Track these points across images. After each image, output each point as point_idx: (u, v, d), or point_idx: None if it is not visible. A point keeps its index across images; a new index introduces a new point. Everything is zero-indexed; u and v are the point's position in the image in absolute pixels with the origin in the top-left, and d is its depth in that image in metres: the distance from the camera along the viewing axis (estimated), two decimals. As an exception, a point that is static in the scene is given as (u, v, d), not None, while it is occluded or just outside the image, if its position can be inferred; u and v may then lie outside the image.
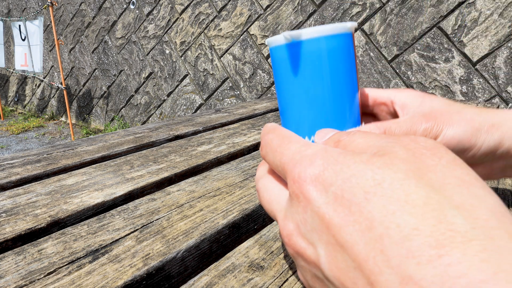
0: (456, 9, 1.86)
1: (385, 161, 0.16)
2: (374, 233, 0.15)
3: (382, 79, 2.13)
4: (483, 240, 0.13)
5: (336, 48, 0.32)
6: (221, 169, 0.49)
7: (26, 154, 0.57)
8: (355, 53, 0.34)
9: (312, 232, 0.17)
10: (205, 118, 0.83)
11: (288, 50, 0.32)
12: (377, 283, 0.14)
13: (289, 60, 0.32)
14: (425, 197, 0.15)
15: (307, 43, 0.31)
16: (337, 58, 0.32)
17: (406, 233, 0.14)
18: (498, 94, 1.79)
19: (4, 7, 4.83)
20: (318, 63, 0.31)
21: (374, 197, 0.15)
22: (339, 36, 0.32)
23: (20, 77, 4.82)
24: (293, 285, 0.26)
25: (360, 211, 0.15)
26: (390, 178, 0.16)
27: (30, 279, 0.27)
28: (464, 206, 0.14)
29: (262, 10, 2.56)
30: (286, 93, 0.33)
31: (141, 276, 0.28)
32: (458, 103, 0.34)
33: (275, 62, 0.33)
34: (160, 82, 3.24)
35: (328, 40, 0.31)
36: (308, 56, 0.31)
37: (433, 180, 0.15)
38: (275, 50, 0.33)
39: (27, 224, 0.35)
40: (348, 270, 0.15)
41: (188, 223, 0.35)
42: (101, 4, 3.56)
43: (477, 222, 0.14)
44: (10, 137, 3.76)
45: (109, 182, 0.46)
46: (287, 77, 0.32)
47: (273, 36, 0.34)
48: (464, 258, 0.13)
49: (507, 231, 0.13)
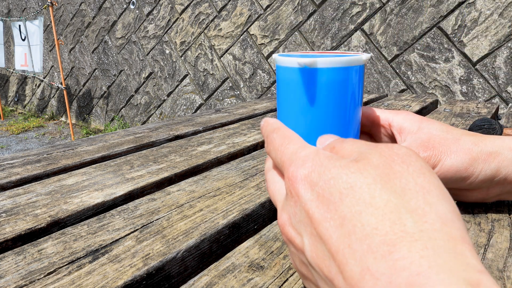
0: (456, 9, 1.86)
1: (359, 167, 0.19)
2: (344, 230, 0.17)
3: (382, 79, 2.13)
4: (426, 241, 0.15)
5: (348, 78, 0.32)
6: (221, 169, 0.49)
7: (26, 154, 0.57)
8: (363, 79, 0.35)
9: (300, 223, 0.20)
10: (205, 118, 0.83)
11: (300, 74, 0.32)
12: (345, 272, 0.16)
13: (301, 84, 0.32)
14: (386, 201, 0.17)
15: (321, 71, 0.31)
16: (347, 88, 0.32)
17: (368, 232, 0.16)
18: (498, 94, 1.79)
19: (4, 7, 4.83)
20: (329, 91, 0.32)
21: (346, 198, 0.18)
22: (352, 68, 0.32)
23: (20, 77, 4.82)
24: (293, 285, 0.26)
25: (335, 209, 0.18)
26: (360, 182, 0.18)
27: (30, 279, 0.27)
28: (417, 211, 0.17)
29: (262, 10, 2.56)
30: (292, 111, 0.34)
31: (141, 276, 0.28)
32: (456, 130, 0.34)
33: (283, 81, 0.34)
34: (160, 82, 3.24)
35: (341, 71, 0.32)
36: (320, 83, 0.32)
37: (396, 185, 0.18)
38: (285, 70, 0.33)
39: (27, 224, 0.35)
40: (324, 259, 0.18)
41: (188, 223, 0.35)
42: (101, 4, 3.56)
43: (424, 226, 0.16)
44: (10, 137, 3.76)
45: (109, 182, 0.46)
46: (295, 98, 0.33)
47: (282, 54, 0.34)
48: (408, 254, 0.15)
49: (447, 233, 0.16)
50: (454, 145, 0.32)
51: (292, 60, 0.32)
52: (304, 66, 0.31)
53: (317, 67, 0.31)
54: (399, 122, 0.36)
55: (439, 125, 0.35)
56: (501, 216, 0.36)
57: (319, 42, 2.34)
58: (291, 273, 0.27)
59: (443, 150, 0.32)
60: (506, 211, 0.37)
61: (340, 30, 2.25)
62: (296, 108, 0.33)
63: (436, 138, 0.33)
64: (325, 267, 0.18)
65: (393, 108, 0.90)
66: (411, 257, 0.15)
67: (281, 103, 0.34)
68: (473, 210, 0.37)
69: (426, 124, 0.35)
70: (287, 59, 0.32)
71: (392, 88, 2.10)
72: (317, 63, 0.31)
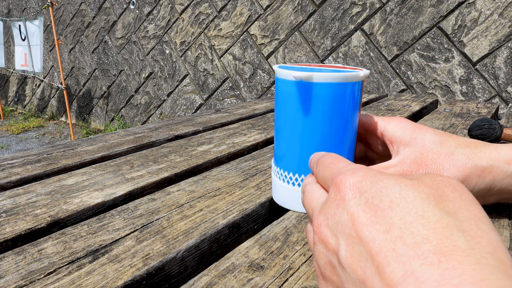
0: (456, 9, 1.86)
1: (413, 183, 0.20)
2: (390, 235, 0.18)
3: (382, 79, 2.13)
4: (478, 258, 0.16)
5: (344, 94, 0.32)
6: (221, 169, 0.49)
7: (26, 154, 0.57)
8: (362, 94, 0.34)
9: (337, 225, 0.21)
10: (205, 118, 0.83)
11: (296, 87, 0.32)
12: (384, 273, 0.17)
13: (297, 97, 0.32)
14: (439, 217, 0.18)
15: (317, 86, 0.31)
16: (343, 103, 0.32)
17: (417, 240, 0.17)
18: (498, 94, 1.79)
19: (4, 7, 4.83)
20: (324, 106, 0.32)
21: (397, 207, 0.18)
22: (349, 84, 0.32)
23: (20, 77, 4.82)
24: (293, 285, 0.26)
25: (383, 216, 0.18)
26: (414, 196, 0.19)
27: (30, 279, 0.27)
28: (469, 232, 0.17)
29: (262, 10, 2.56)
30: (288, 123, 0.34)
31: (141, 276, 0.28)
32: (450, 141, 0.33)
33: (281, 93, 0.34)
34: (160, 82, 3.24)
35: (337, 87, 0.31)
36: (315, 98, 0.32)
37: (449, 207, 0.18)
38: (283, 82, 0.33)
39: (27, 224, 0.35)
40: (360, 260, 0.18)
41: (188, 223, 0.35)
42: (101, 4, 3.56)
43: (476, 246, 0.16)
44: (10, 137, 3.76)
45: (109, 182, 0.46)
46: (291, 111, 0.33)
47: (282, 66, 0.34)
48: (459, 266, 0.15)
49: (499, 258, 0.16)
50: (448, 161, 0.32)
51: (289, 73, 0.32)
52: (300, 80, 0.31)
53: (313, 81, 0.31)
54: (391, 132, 0.35)
55: (432, 136, 0.34)
56: (501, 216, 0.36)
57: (319, 42, 2.34)
58: (291, 273, 0.27)
59: (436, 169, 0.31)
60: (506, 211, 0.37)
61: (340, 30, 2.25)
62: (292, 121, 0.33)
63: (429, 153, 0.32)
64: (359, 268, 0.18)
65: (393, 108, 0.90)
66: (462, 268, 0.15)
67: (278, 114, 0.34)
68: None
69: (419, 133, 0.34)
70: (284, 72, 0.32)
71: (392, 88, 2.10)
72: (313, 78, 0.31)
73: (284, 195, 0.35)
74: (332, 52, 2.30)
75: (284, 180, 0.35)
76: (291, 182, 0.35)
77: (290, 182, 0.35)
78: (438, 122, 0.74)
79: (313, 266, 0.28)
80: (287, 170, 0.35)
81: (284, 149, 0.34)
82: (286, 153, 0.34)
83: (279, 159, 0.35)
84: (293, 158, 0.34)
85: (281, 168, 0.35)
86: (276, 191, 0.37)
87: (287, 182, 0.35)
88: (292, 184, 0.34)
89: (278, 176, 0.36)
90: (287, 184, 0.35)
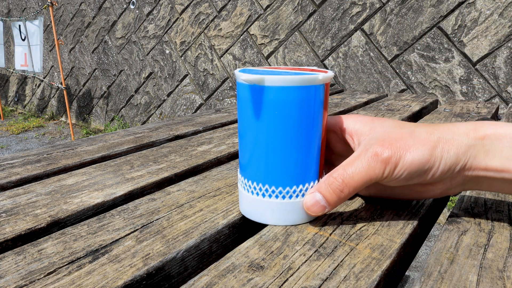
0: (456, 9, 1.86)
1: None
2: None
3: (382, 79, 2.13)
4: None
5: (299, 99, 0.30)
6: (221, 169, 0.49)
7: (26, 154, 0.57)
8: (325, 101, 0.32)
9: None
10: (205, 118, 0.83)
11: (250, 91, 0.30)
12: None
13: (250, 101, 0.31)
14: None
15: (268, 90, 0.30)
16: (299, 108, 0.30)
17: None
18: (498, 94, 1.79)
19: (4, 7, 4.83)
20: (276, 111, 0.30)
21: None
22: (304, 88, 0.30)
23: (20, 77, 4.82)
24: (293, 285, 0.26)
25: None
26: None
27: (30, 279, 0.27)
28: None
29: (262, 10, 2.56)
30: (244, 127, 0.32)
31: (141, 276, 0.28)
32: (408, 124, 0.34)
33: (239, 96, 0.32)
34: (160, 82, 3.24)
35: (291, 91, 0.29)
36: (267, 102, 0.30)
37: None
38: (239, 85, 0.32)
39: (27, 224, 0.35)
40: None
41: (188, 223, 0.35)
42: (101, 4, 3.56)
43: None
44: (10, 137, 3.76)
45: (109, 182, 0.46)
46: (246, 115, 0.32)
47: (243, 69, 0.32)
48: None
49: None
50: (411, 138, 0.32)
51: (242, 76, 0.30)
52: (254, 84, 0.30)
53: (264, 85, 0.29)
54: (350, 125, 0.35)
55: (391, 122, 0.34)
56: (501, 216, 0.36)
57: (319, 42, 2.34)
58: (291, 273, 0.27)
59: (401, 146, 0.31)
60: (506, 211, 0.37)
61: (340, 30, 2.25)
62: (247, 125, 0.32)
63: (391, 134, 0.32)
64: None
65: (393, 108, 0.90)
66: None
67: (239, 120, 0.33)
68: (473, 210, 0.37)
69: (378, 123, 0.34)
70: (239, 74, 0.31)
71: (392, 88, 2.11)
72: (264, 81, 0.29)
73: (247, 205, 0.34)
74: (332, 52, 2.30)
75: (248, 190, 0.34)
76: (255, 192, 0.33)
77: (254, 192, 0.33)
78: (438, 122, 0.74)
79: (314, 265, 0.28)
80: (251, 180, 0.33)
81: (246, 157, 0.33)
82: (249, 162, 0.33)
83: (243, 168, 0.34)
84: (257, 166, 0.32)
85: (245, 178, 0.34)
86: (240, 202, 0.36)
87: (251, 193, 0.34)
88: (256, 194, 0.33)
89: (242, 185, 0.35)
90: (251, 194, 0.34)
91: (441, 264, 0.28)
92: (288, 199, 0.33)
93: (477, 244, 0.31)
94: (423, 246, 1.66)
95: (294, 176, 0.32)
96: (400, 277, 0.32)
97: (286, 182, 0.32)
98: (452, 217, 0.36)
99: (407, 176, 0.31)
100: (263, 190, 0.33)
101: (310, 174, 0.33)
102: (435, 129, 0.32)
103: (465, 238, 0.32)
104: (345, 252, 0.30)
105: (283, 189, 0.33)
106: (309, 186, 0.33)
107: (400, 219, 0.35)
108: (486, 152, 0.31)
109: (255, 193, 0.33)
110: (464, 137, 0.31)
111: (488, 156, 0.31)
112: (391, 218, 0.35)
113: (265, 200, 0.33)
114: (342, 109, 0.91)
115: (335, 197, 0.32)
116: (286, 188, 0.33)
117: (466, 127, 0.32)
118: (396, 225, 0.34)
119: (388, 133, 0.33)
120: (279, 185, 0.32)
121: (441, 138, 0.31)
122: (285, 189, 0.33)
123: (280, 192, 0.33)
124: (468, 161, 0.31)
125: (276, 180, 0.32)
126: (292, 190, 0.33)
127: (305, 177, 0.33)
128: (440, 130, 0.32)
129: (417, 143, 0.31)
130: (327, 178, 0.32)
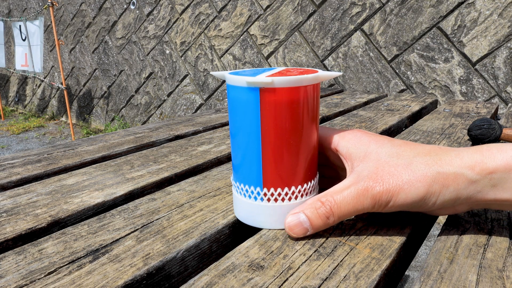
0: (455, 9, 1.86)
1: None
2: None
3: (382, 79, 2.13)
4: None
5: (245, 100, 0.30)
6: (221, 169, 0.49)
7: (27, 154, 0.57)
8: (314, 101, 0.31)
9: None
10: (205, 118, 0.83)
11: (227, 89, 0.32)
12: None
13: (228, 99, 0.33)
14: None
15: (228, 87, 0.32)
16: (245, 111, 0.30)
17: None
18: (497, 94, 1.79)
19: (4, 7, 4.83)
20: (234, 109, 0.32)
21: None
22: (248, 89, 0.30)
23: (20, 77, 4.82)
24: (293, 285, 0.26)
25: None
26: None
27: (31, 278, 0.27)
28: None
29: (262, 10, 2.56)
30: (230, 122, 0.34)
31: (141, 276, 0.28)
32: (407, 151, 0.31)
33: (229, 99, 0.34)
34: (160, 82, 3.24)
35: (243, 91, 0.30)
36: (232, 100, 0.32)
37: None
38: (230, 88, 0.33)
39: (27, 224, 0.35)
40: None
41: (188, 223, 0.35)
42: (102, 4, 3.56)
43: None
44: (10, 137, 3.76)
45: (109, 182, 0.46)
46: (230, 113, 0.33)
47: (232, 73, 0.33)
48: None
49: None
50: (406, 172, 0.29)
51: (219, 75, 0.33)
52: (227, 84, 0.32)
53: (229, 84, 0.31)
54: (345, 148, 0.34)
55: (389, 148, 0.32)
56: (500, 216, 0.36)
57: (319, 42, 2.34)
58: (291, 273, 0.27)
59: (395, 183, 0.29)
60: (506, 211, 0.37)
61: (340, 30, 2.25)
62: (230, 123, 0.33)
63: (385, 166, 0.30)
64: None
65: (392, 108, 0.90)
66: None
67: (230, 121, 0.34)
68: (472, 210, 0.37)
69: (374, 147, 0.32)
70: (217, 73, 0.33)
71: (392, 88, 2.11)
72: (225, 77, 0.31)
73: (242, 210, 0.34)
74: (332, 52, 2.30)
75: (240, 193, 0.34)
76: (247, 195, 0.33)
77: (246, 195, 0.33)
78: (437, 122, 0.74)
79: (314, 265, 0.28)
80: (243, 183, 0.33)
81: (238, 160, 0.33)
82: (240, 164, 0.33)
83: (235, 171, 0.34)
84: (250, 169, 0.32)
85: (237, 181, 0.34)
86: (235, 205, 0.36)
87: (244, 195, 0.34)
88: (248, 197, 0.33)
89: (235, 189, 0.35)
90: (244, 197, 0.34)
91: (440, 263, 0.28)
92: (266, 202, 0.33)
93: (477, 243, 0.31)
94: (422, 246, 1.66)
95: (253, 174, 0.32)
96: (400, 277, 0.32)
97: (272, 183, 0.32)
98: (451, 216, 0.36)
99: (400, 209, 0.31)
100: (254, 193, 0.33)
101: (299, 177, 0.32)
102: (435, 161, 0.30)
103: (465, 238, 0.32)
104: (345, 251, 0.30)
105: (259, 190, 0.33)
106: (301, 188, 0.33)
107: (400, 219, 0.35)
108: (494, 186, 0.28)
109: (247, 196, 0.33)
110: (468, 171, 0.29)
111: (496, 189, 0.29)
112: (391, 218, 0.35)
113: (257, 204, 0.33)
114: (342, 109, 0.91)
115: (321, 222, 0.31)
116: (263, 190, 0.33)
117: (472, 158, 0.29)
118: (396, 225, 0.34)
119: (382, 164, 0.30)
120: (251, 186, 0.33)
121: (440, 173, 0.29)
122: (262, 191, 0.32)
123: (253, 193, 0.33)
124: (472, 195, 0.29)
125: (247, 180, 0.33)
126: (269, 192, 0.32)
127: (292, 179, 0.32)
128: (441, 162, 0.29)
129: (413, 180, 0.29)
130: (314, 202, 0.31)
